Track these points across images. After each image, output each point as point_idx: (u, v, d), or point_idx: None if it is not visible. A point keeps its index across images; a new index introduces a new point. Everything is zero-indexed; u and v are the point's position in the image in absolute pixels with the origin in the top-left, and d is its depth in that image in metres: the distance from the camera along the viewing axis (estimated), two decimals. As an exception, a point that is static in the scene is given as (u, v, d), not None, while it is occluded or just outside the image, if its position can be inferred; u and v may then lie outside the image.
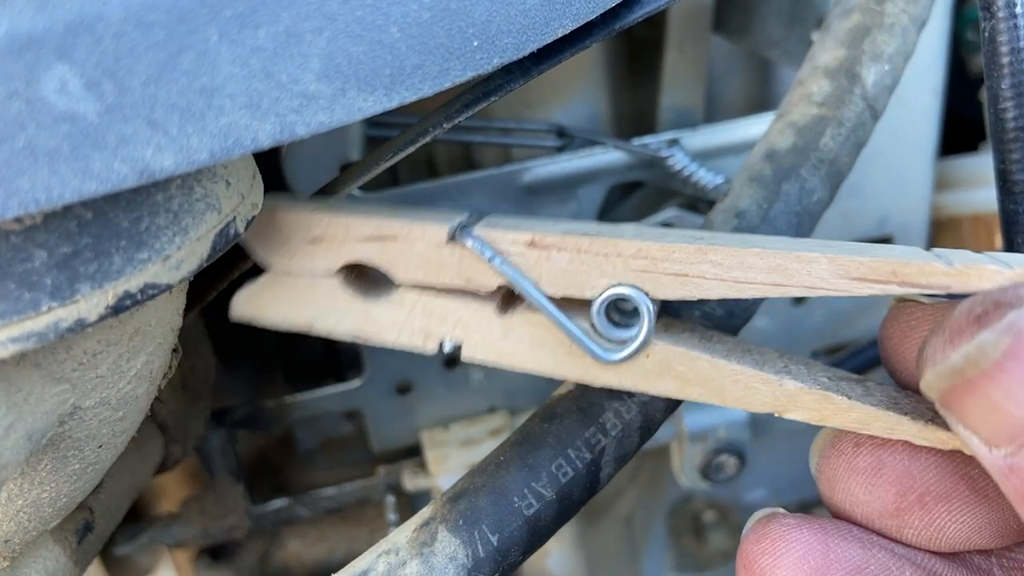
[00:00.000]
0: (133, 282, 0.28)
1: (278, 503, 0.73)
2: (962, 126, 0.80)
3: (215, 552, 0.80)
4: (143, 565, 0.93)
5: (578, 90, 0.74)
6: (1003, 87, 0.39)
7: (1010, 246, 0.43)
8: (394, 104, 0.28)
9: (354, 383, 0.70)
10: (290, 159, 0.59)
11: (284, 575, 0.81)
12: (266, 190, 0.42)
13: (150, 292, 0.29)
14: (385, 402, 0.71)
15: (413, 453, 0.75)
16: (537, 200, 0.66)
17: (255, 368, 0.79)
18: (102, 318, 0.28)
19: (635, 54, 0.76)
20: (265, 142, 0.25)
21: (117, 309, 0.28)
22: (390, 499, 0.75)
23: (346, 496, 0.75)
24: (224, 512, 0.72)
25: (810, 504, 1.05)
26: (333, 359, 0.80)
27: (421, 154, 0.74)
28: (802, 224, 0.46)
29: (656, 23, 0.70)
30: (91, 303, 0.27)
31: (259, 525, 0.74)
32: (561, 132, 0.67)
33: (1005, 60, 0.39)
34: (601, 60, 0.74)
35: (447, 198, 0.64)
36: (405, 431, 0.73)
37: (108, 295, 0.28)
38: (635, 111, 0.77)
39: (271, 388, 0.81)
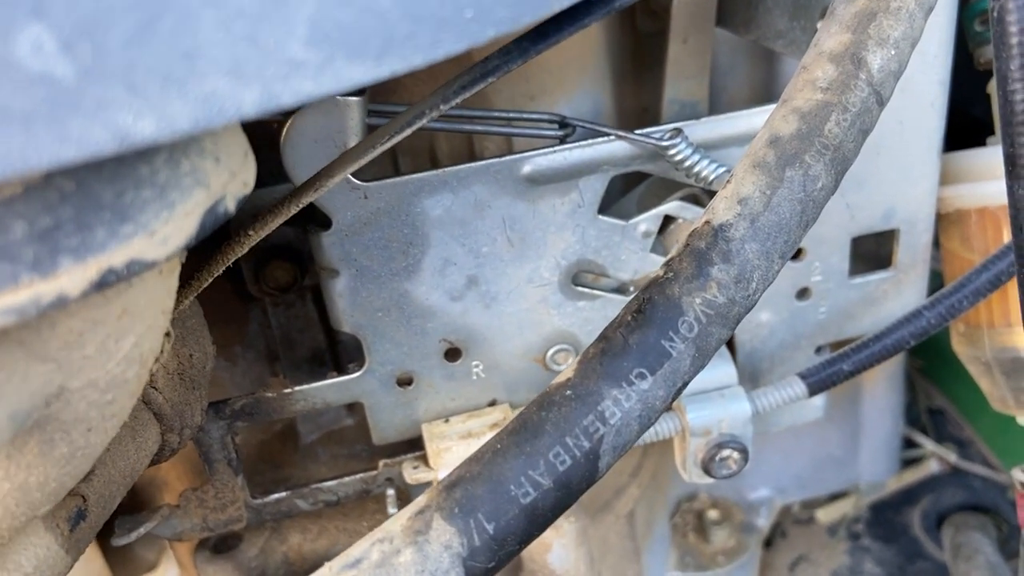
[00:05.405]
0: (117, 257, 0.28)
1: (277, 495, 0.73)
2: (969, 123, 0.79)
3: (215, 546, 0.79)
4: (147, 561, 0.93)
5: (582, 84, 0.74)
6: (1012, 68, 0.38)
7: (1019, 232, 0.42)
8: (384, 74, 0.27)
9: (354, 374, 0.69)
10: (288, 147, 0.58)
11: (285, 568, 0.80)
12: (264, 178, 0.41)
13: (135, 268, 0.28)
14: (385, 394, 0.71)
15: (415, 446, 0.74)
16: (538, 191, 0.65)
17: (255, 359, 0.79)
18: (85, 294, 0.27)
19: (639, 48, 0.75)
20: (250, 111, 0.25)
21: (101, 285, 0.28)
22: (390, 492, 0.74)
23: (346, 489, 0.74)
24: (223, 504, 0.72)
25: (815, 503, 1.05)
26: (334, 350, 0.80)
27: (423, 145, 0.73)
28: (806, 211, 0.45)
29: (660, 16, 0.70)
30: (73, 277, 0.27)
31: (259, 518, 0.73)
32: (563, 122, 0.67)
33: (1014, 40, 0.38)
34: (605, 54, 0.74)
35: (447, 188, 0.63)
36: (406, 424, 0.73)
37: (91, 270, 0.27)
38: (639, 105, 0.77)
39: (271, 380, 0.80)
